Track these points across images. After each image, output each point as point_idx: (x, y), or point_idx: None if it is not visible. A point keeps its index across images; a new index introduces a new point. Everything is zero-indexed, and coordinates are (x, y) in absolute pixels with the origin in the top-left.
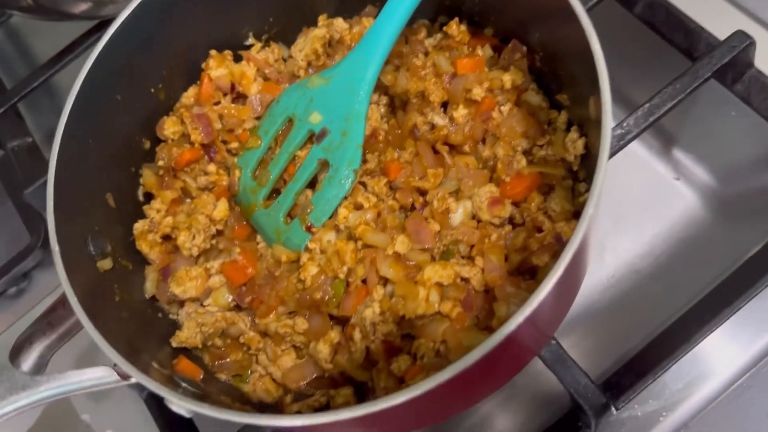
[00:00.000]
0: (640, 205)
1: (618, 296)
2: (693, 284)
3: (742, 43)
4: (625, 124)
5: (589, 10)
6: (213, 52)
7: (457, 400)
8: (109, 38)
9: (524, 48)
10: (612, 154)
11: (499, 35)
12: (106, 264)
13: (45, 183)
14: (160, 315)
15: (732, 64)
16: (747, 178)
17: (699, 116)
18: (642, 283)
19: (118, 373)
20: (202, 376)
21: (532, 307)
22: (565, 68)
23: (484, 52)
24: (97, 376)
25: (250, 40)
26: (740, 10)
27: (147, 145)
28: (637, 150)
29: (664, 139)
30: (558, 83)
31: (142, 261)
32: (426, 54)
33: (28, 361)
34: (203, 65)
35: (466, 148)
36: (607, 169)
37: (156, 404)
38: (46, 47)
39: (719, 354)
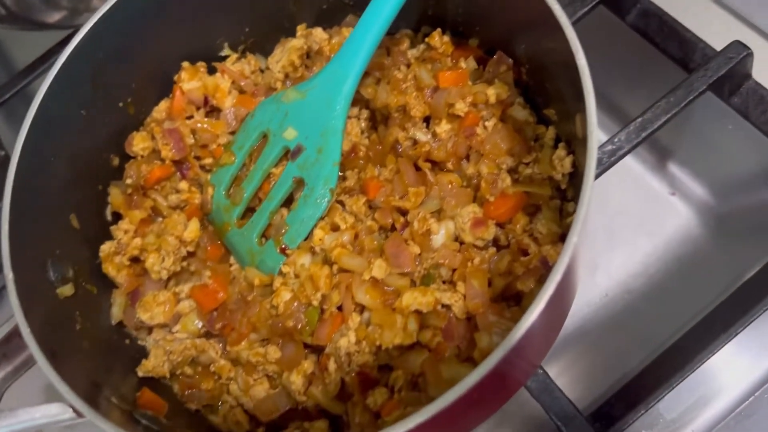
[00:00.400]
0: (634, 221)
1: (610, 317)
2: (689, 305)
3: (740, 54)
4: (616, 140)
5: (580, 19)
6: (185, 64)
7: None
8: (73, 49)
9: (510, 60)
10: (603, 171)
11: (484, 47)
12: (66, 290)
13: None
14: (127, 341)
15: (729, 75)
16: (744, 194)
17: (695, 130)
18: (635, 304)
19: (74, 410)
20: (166, 411)
21: (515, 338)
22: (552, 82)
23: (467, 64)
24: (52, 413)
25: (226, 51)
26: (737, 19)
27: (116, 161)
28: (631, 165)
29: (658, 153)
30: (545, 97)
31: (108, 285)
32: (408, 66)
33: None
34: (175, 78)
35: (449, 165)
36: (595, 188)
37: None
38: (24, 56)
39: (717, 381)
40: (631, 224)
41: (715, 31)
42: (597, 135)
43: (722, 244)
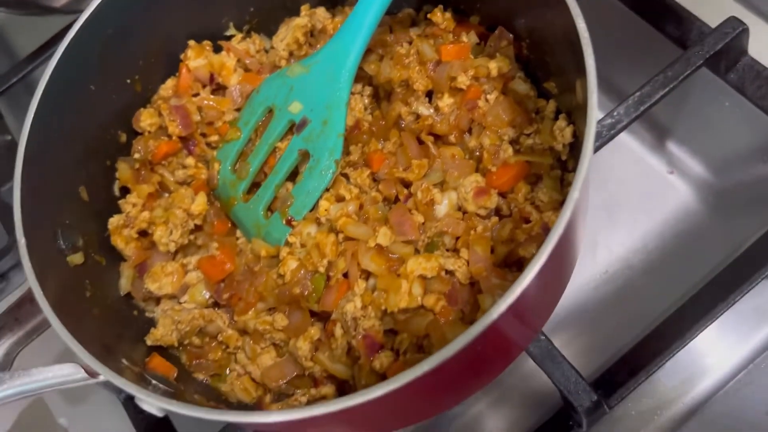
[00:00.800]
0: (633, 199)
1: (611, 292)
2: (688, 279)
3: (735, 29)
4: (615, 114)
5: None
6: (191, 42)
7: (440, 395)
8: (81, 26)
9: (510, 35)
10: (603, 144)
11: (485, 23)
12: (76, 259)
13: None
14: (135, 313)
15: (725, 51)
16: (742, 170)
17: (692, 108)
18: (635, 279)
19: (86, 371)
20: (176, 375)
21: (514, 295)
22: (553, 55)
23: (469, 38)
24: (64, 373)
25: (231, 31)
26: None
27: (123, 138)
28: (630, 143)
29: (657, 131)
30: (545, 71)
31: (117, 257)
32: (411, 43)
33: None
34: (181, 56)
35: (452, 138)
36: (594, 165)
37: (134, 407)
38: (27, 43)
39: (715, 350)
40: (630, 202)
41: (711, 9)
42: (596, 94)
43: (720, 219)
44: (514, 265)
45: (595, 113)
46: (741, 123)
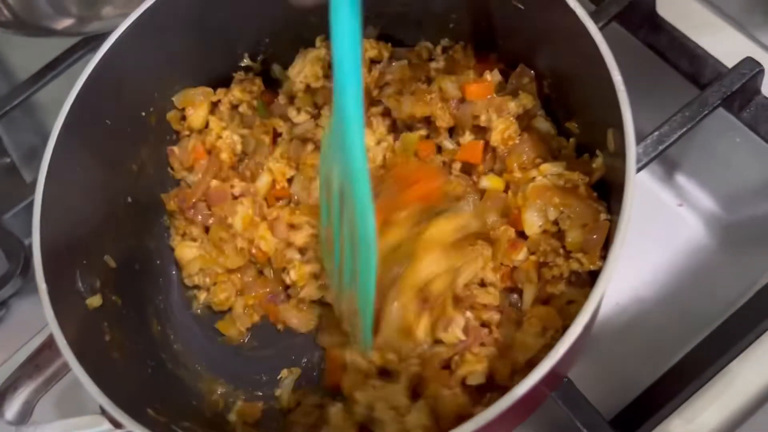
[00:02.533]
0: (643, 232)
1: (622, 326)
2: (700, 314)
3: (752, 70)
4: None
5: (614, 18)
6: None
7: None
8: (99, 61)
9: (532, 72)
10: None
11: (505, 60)
12: (95, 301)
13: (25, 207)
14: (161, 356)
15: (740, 91)
16: (752, 206)
17: (703, 142)
18: (647, 312)
19: (110, 421)
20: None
21: (557, 357)
22: (577, 95)
23: (492, 77)
24: (86, 424)
25: (245, 61)
26: (745, 36)
27: (135, 169)
28: (640, 176)
29: (667, 165)
30: (567, 110)
31: (131, 296)
32: (429, 78)
33: (12, 409)
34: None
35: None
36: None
37: None
38: (25, 63)
39: (734, 387)
40: (640, 235)
41: (723, 47)
42: (634, 148)
43: (731, 254)
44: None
45: (633, 176)
46: (752, 159)
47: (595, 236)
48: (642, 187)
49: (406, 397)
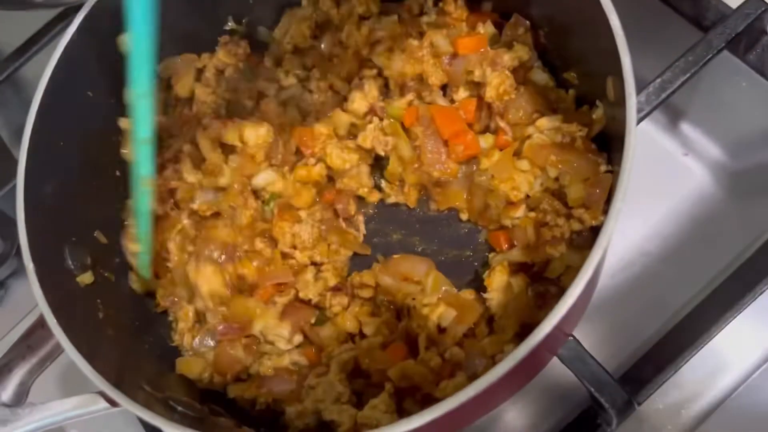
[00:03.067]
0: (648, 183)
1: (629, 281)
2: (706, 265)
3: (757, 10)
4: (637, 102)
5: None
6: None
7: (475, 410)
8: (75, 30)
9: (527, 22)
10: None
11: (499, 10)
12: (86, 278)
13: (15, 187)
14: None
15: (745, 32)
16: (759, 152)
17: (708, 88)
18: (653, 267)
19: (106, 399)
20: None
21: (558, 316)
22: (574, 44)
23: (485, 29)
24: (83, 404)
25: (230, 24)
26: None
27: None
28: (643, 126)
29: (671, 113)
30: (565, 60)
31: (125, 271)
32: (421, 34)
33: (8, 391)
34: None
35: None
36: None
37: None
38: (9, 39)
39: (740, 341)
40: (644, 187)
41: None
42: (635, 96)
43: (737, 202)
44: None
45: (634, 125)
46: (759, 104)
47: (597, 190)
48: (646, 137)
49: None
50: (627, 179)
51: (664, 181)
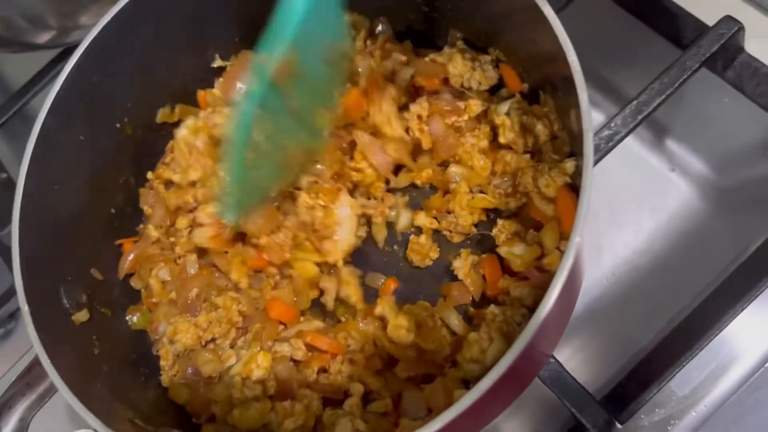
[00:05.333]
0: (636, 199)
1: (618, 296)
2: (696, 279)
3: (731, 29)
4: (612, 125)
5: (570, 1)
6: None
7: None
8: (64, 80)
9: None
10: (602, 157)
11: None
12: (82, 316)
13: None
14: (145, 359)
15: (721, 50)
16: (744, 167)
17: (691, 105)
18: (643, 281)
19: None
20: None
21: (525, 341)
22: (543, 75)
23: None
24: None
25: (217, 62)
26: None
27: (121, 180)
28: (630, 144)
29: (656, 130)
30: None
31: (121, 306)
32: None
33: (9, 426)
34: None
35: None
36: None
37: None
38: (20, 75)
39: (727, 355)
40: (633, 203)
41: (707, 3)
42: (591, 144)
43: (725, 217)
44: None
45: (591, 166)
46: (740, 120)
47: None
48: (632, 154)
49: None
50: (583, 216)
51: (652, 197)
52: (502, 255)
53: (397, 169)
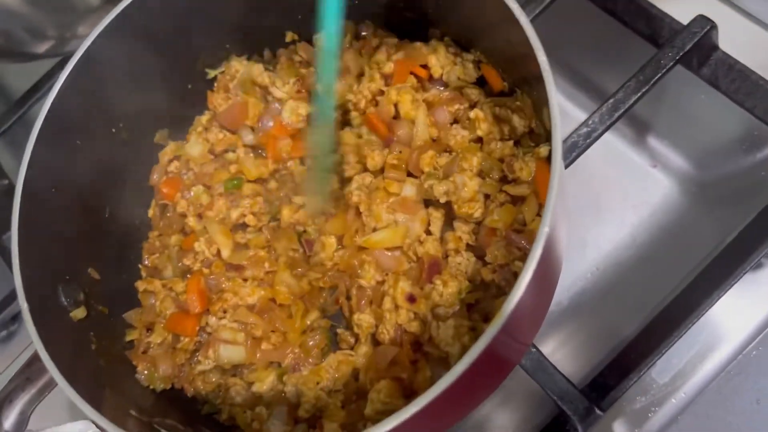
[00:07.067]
0: (619, 195)
1: (602, 290)
2: (677, 271)
3: (703, 28)
4: (590, 122)
5: (551, 3)
6: None
7: (442, 416)
8: (60, 87)
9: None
10: (580, 153)
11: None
12: (79, 313)
13: None
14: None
15: (695, 49)
16: (723, 162)
17: (670, 102)
18: (626, 275)
19: (97, 426)
20: (183, 418)
21: (499, 324)
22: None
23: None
24: (77, 430)
25: (210, 74)
26: None
27: (117, 186)
28: (612, 140)
29: (637, 127)
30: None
31: (119, 305)
32: None
33: (10, 419)
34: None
35: None
36: (578, 165)
37: None
38: (20, 82)
39: (705, 343)
40: (616, 198)
41: (682, 3)
42: (560, 131)
43: (705, 210)
44: None
45: (559, 155)
46: (718, 115)
47: None
48: (614, 151)
49: None
50: (550, 213)
51: (634, 192)
52: (488, 225)
53: None
